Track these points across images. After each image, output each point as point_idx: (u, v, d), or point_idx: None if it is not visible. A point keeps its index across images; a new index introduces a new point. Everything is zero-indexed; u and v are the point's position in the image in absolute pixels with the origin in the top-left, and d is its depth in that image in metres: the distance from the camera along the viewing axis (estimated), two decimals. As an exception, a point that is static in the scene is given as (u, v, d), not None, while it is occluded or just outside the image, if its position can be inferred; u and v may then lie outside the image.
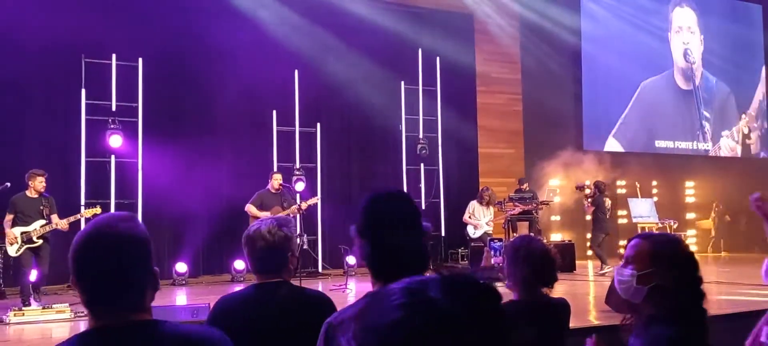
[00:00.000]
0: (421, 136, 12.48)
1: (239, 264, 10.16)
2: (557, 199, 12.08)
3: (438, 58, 12.69)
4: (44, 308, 6.98)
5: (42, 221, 7.61)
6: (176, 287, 9.69)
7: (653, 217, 12.71)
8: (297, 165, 11.23)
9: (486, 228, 10.94)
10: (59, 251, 7.63)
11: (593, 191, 11.28)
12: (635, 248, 2.26)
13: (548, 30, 13.70)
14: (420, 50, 12.54)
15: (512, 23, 13.74)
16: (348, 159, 12.25)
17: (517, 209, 11.14)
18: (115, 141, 9.78)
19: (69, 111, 9.99)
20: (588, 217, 11.72)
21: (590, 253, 11.26)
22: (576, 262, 11.23)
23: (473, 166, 13.25)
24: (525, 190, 11.62)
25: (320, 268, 11.25)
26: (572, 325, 3.08)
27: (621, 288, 2.27)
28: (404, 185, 12.22)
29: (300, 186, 10.68)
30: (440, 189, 12.56)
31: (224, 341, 1.60)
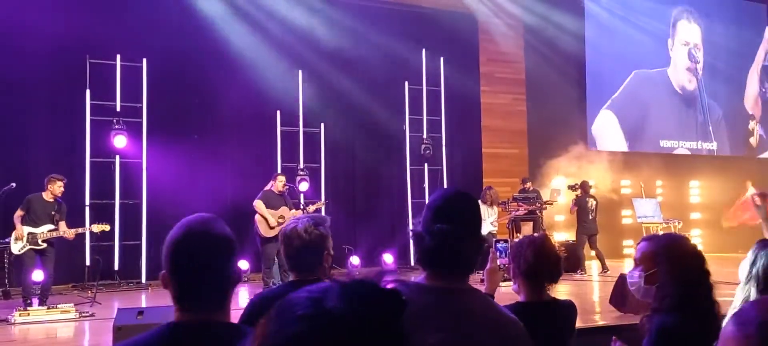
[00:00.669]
0: (425, 136, 12.48)
1: (244, 264, 10.16)
2: (561, 199, 12.06)
3: (442, 58, 12.68)
4: (49, 308, 7.01)
5: (50, 226, 7.62)
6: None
7: (658, 217, 12.67)
8: (301, 165, 11.24)
9: (490, 228, 10.91)
10: (65, 254, 7.64)
11: (578, 192, 11.28)
12: (641, 251, 2.45)
13: (551, 30, 13.68)
14: (424, 51, 12.54)
15: (516, 23, 13.72)
16: (352, 159, 12.25)
17: (522, 209, 11.12)
18: (120, 141, 9.80)
19: (74, 111, 10.01)
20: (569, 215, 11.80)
21: (593, 253, 11.26)
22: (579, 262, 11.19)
23: (477, 166, 13.24)
24: (529, 190, 11.60)
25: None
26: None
27: (633, 289, 2.46)
28: (408, 185, 12.22)
29: (304, 186, 10.69)
30: (444, 189, 12.53)
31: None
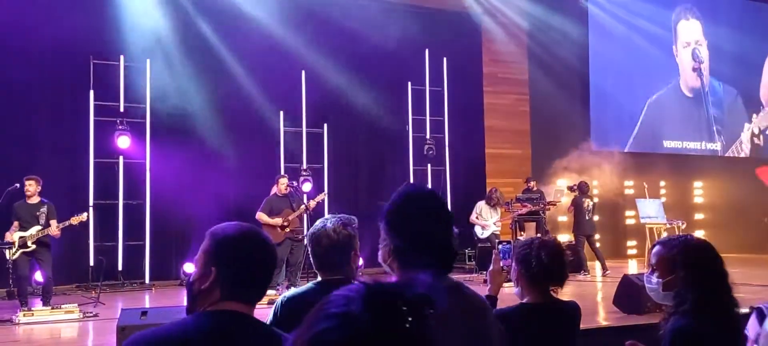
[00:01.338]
0: (428, 136, 12.48)
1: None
2: (564, 199, 12.04)
3: (445, 58, 12.68)
4: (53, 309, 7.02)
5: (38, 227, 7.59)
6: (184, 288, 9.68)
7: (661, 217, 12.63)
8: (304, 165, 11.24)
9: (494, 228, 10.91)
10: (68, 255, 7.63)
11: (576, 192, 11.26)
12: (657, 255, 2.43)
13: (555, 30, 13.64)
14: (427, 51, 12.53)
15: (519, 23, 13.69)
16: (355, 160, 12.25)
17: (525, 210, 11.11)
18: (124, 142, 9.82)
19: (77, 112, 10.04)
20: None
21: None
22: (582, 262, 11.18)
23: (480, 166, 13.22)
24: (532, 190, 11.57)
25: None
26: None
27: (651, 295, 2.45)
28: (411, 186, 12.18)
29: (307, 187, 10.69)
30: (447, 189, 12.53)
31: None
